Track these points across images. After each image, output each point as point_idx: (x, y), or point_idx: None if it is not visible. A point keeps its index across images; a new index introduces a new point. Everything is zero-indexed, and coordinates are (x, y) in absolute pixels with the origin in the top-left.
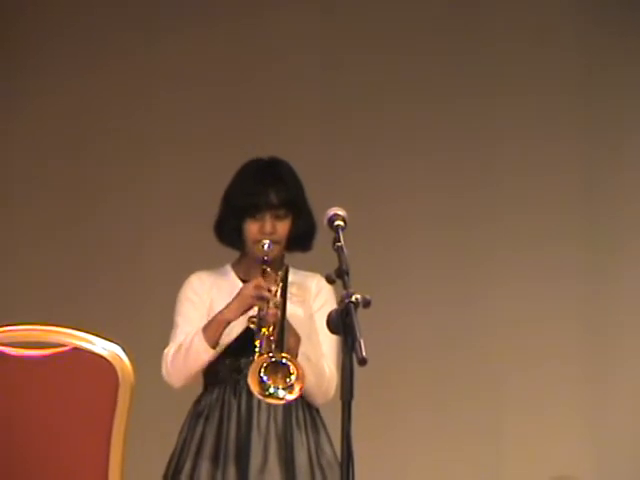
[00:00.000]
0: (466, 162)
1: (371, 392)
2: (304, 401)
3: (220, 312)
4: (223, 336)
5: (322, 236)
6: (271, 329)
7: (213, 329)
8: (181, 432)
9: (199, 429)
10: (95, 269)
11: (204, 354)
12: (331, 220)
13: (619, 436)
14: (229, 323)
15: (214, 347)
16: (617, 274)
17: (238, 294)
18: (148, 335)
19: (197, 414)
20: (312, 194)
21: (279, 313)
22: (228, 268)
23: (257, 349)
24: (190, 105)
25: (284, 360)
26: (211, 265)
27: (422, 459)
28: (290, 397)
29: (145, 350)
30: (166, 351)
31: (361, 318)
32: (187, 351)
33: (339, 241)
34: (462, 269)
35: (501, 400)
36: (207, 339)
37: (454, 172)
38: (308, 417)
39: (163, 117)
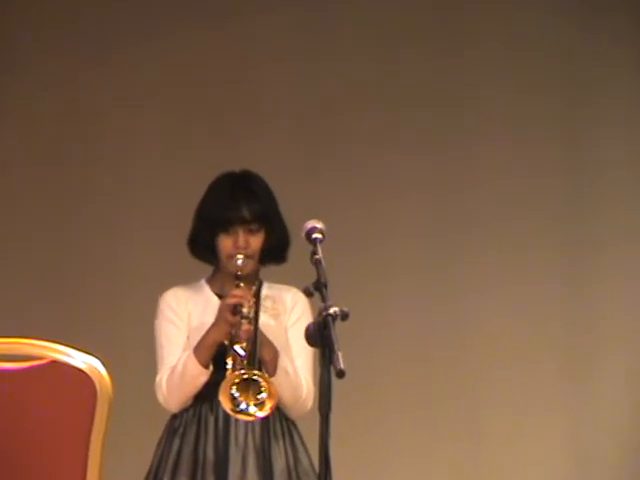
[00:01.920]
0: (449, 164)
1: (349, 396)
2: (281, 413)
3: (207, 333)
4: None
5: (301, 248)
6: (244, 345)
7: (205, 352)
8: (158, 447)
9: (176, 444)
10: (73, 275)
11: (201, 377)
12: (309, 233)
13: (600, 435)
14: (218, 343)
15: (207, 367)
16: (598, 275)
17: (218, 314)
18: (126, 344)
19: (174, 430)
20: (291, 198)
21: (252, 328)
22: (203, 283)
23: (229, 365)
24: (171, 108)
25: (255, 377)
26: (189, 274)
27: (401, 461)
28: (261, 414)
29: (123, 360)
30: (158, 379)
31: (341, 325)
32: (182, 376)
33: (317, 254)
34: (443, 273)
35: (481, 400)
36: (200, 362)
37: (437, 174)
38: (285, 429)
39: (145, 121)
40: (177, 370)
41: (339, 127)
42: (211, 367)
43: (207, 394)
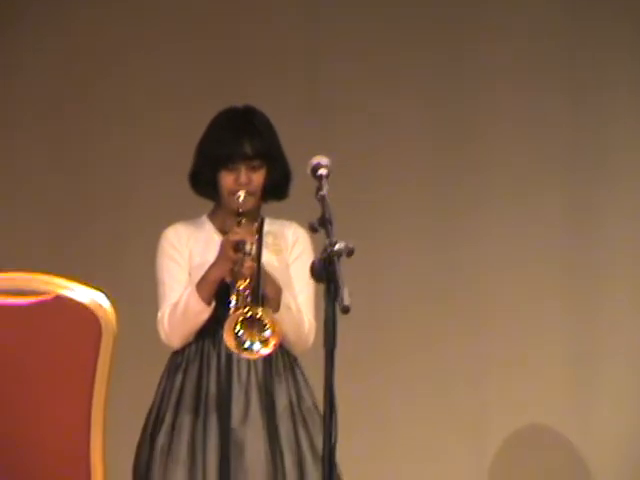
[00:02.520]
0: (451, 108)
1: (355, 339)
2: (284, 350)
3: (210, 270)
4: None
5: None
6: (247, 282)
7: (207, 288)
8: (160, 383)
9: (178, 381)
10: (79, 218)
11: (203, 313)
12: (314, 169)
13: (605, 388)
14: (220, 280)
15: (210, 304)
16: (600, 216)
17: (220, 250)
18: (130, 282)
19: (176, 365)
20: (293, 135)
21: (255, 266)
22: (204, 219)
23: (232, 303)
24: (171, 58)
25: (259, 314)
26: (190, 215)
27: (405, 407)
28: (265, 351)
29: (128, 295)
30: (160, 315)
31: (345, 267)
32: (184, 313)
33: (322, 190)
34: (445, 215)
35: (485, 350)
36: (203, 298)
37: (439, 121)
38: (288, 366)
39: (147, 71)
40: (179, 306)
41: (342, 68)
42: (213, 303)
43: (209, 330)
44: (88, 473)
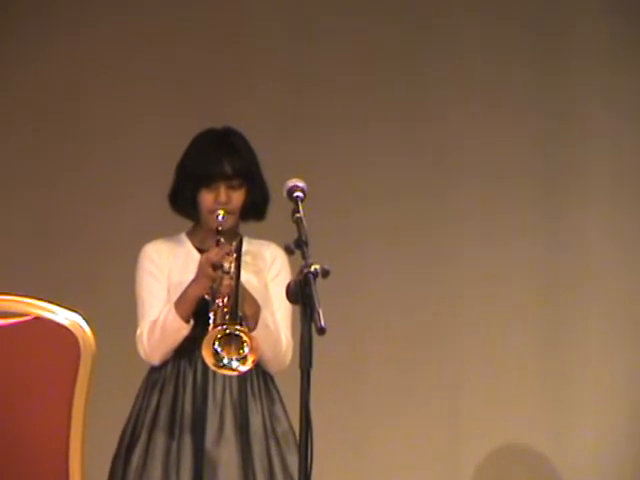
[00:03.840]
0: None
1: (329, 353)
2: (259, 370)
3: (189, 288)
4: None
5: (282, 206)
6: (225, 300)
7: (185, 306)
8: (137, 399)
9: (154, 399)
10: (58, 241)
11: (182, 330)
12: (290, 191)
13: (577, 407)
14: (198, 297)
15: (188, 322)
16: (579, 203)
17: (198, 269)
18: (108, 303)
19: (152, 384)
20: (270, 163)
21: (233, 284)
22: (183, 237)
23: (211, 320)
24: (158, 76)
25: (237, 332)
26: (169, 233)
27: (379, 427)
28: (243, 368)
29: (105, 318)
30: (139, 332)
31: (322, 286)
32: (163, 330)
33: (298, 212)
34: (422, 237)
35: (462, 353)
36: (181, 316)
37: (413, 143)
38: (263, 386)
39: (136, 85)
40: (158, 324)
41: (319, 90)
42: (192, 321)
43: (186, 349)
44: None
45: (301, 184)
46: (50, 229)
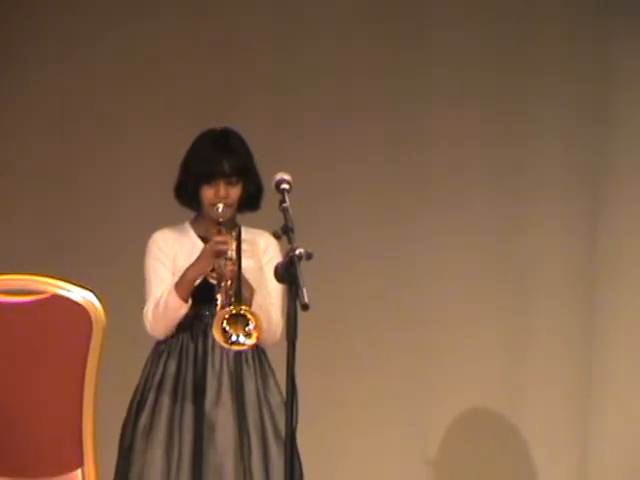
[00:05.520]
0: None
1: (313, 330)
2: None
3: (187, 271)
4: None
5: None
6: (229, 283)
7: (184, 287)
8: (145, 367)
9: (160, 368)
10: (74, 223)
11: (181, 309)
12: (278, 184)
13: (534, 365)
14: (196, 280)
15: (187, 301)
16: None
17: (201, 254)
18: (121, 283)
19: (158, 355)
20: (261, 158)
21: (235, 269)
22: (187, 226)
23: (219, 302)
24: (154, 79)
25: (242, 312)
26: (175, 220)
27: (356, 393)
28: (250, 342)
29: (116, 297)
30: (145, 310)
31: (306, 267)
32: (165, 309)
33: (285, 202)
34: (396, 223)
35: (427, 341)
36: (180, 296)
37: (393, 139)
38: (256, 357)
39: (132, 88)
40: (161, 303)
41: (304, 90)
42: (190, 300)
43: (188, 325)
44: (80, 451)
45: (287, 177)
46: (64, 219)
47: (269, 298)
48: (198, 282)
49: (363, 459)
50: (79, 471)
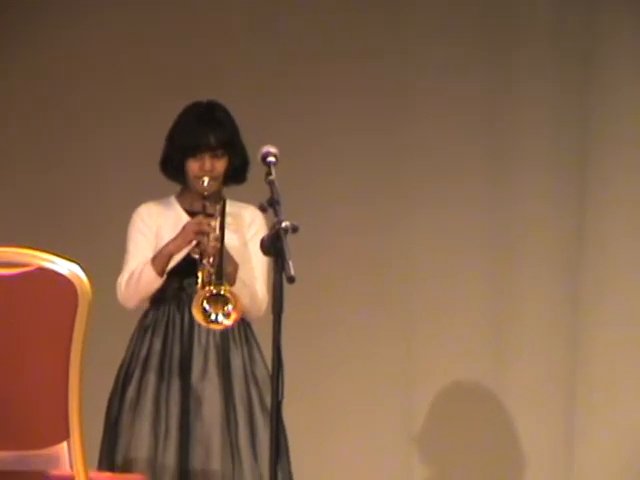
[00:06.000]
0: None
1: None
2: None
3: (166, 246)
4: None
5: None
6: (212, 260)
7: (160, 261)
8: (130, 343)
9: (146, 342)
10: (60, 198)
11: (154, 282)
12: (264, 157)
13: (519, 338)
14: (173, 255)
15: (162, 275)
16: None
17: (182, 230)
18: (107, 255)
19: (144, 328)
20: (247, 132)
21: (218, 245)
22: (173, 199)
23: (199, 280)
24: (138, 57)
25: (222, 292)
26: (162, 195)
27: (343, 364)
28: (228, 323)
29: (102, 270)
30: (119, 280)
31: (291, 242)
32: (138, 280)
33: (271, 175)
34: (383, 197)
35: (414, 307)
36: (155, 269)
37: (378, 114)
38: (242, 331)
39: (116, 67)
40: (135, 274)
41: (290, 67)
42: (165, 276)
43: (174, 298)
44: (66, 424)
45: (273, 150)
46: (51, 195)
47: (254, 272)
48: (183, 255)
49: (349, 433)
50: (65, 443)
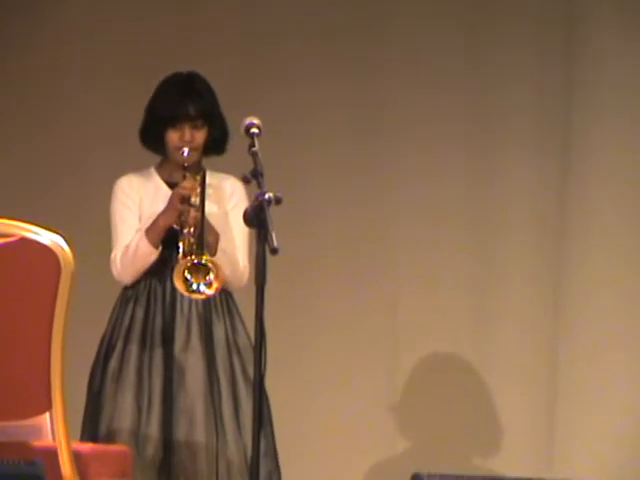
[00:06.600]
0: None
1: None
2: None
3: (159, 217)
4: None
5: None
6: (192, 230)
7: (155, 233)
8: (112, 314)
9: (129, 313)
10: (43, 176)
11: (152, 255)
12: (247, 128)
13: (501, 307)
14: (167, 227)
15: (157, 247)
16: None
17: (169, 202)
18: (90, 228)
19: (126, 299)
20: (231, 98)
21: (199, 215)
22: (152, 171)
23: (180, 250)
24: (122, 30)
25: (204, 261)
26: (145, 166)
27: (327, 334)
28: (209, 292)
29: (84, 241)
30: (113, 255)
31: (274, 214)
32: (134, 254)
33: (254, 146)
34: (366, 170)
35: (401, 278)
36: (151, 242)
37: (362, 89)
38: (224, 301)
39: (102, 48)
40: (130, 248)
41: (274, 42)
42: (160, 247)
43: (157, 269)
44: (49, 395)
45: (257, 121)
46: (36, 169)
47: (234, 242)
48: None
49: (331, 403)
50: (47, 414)
